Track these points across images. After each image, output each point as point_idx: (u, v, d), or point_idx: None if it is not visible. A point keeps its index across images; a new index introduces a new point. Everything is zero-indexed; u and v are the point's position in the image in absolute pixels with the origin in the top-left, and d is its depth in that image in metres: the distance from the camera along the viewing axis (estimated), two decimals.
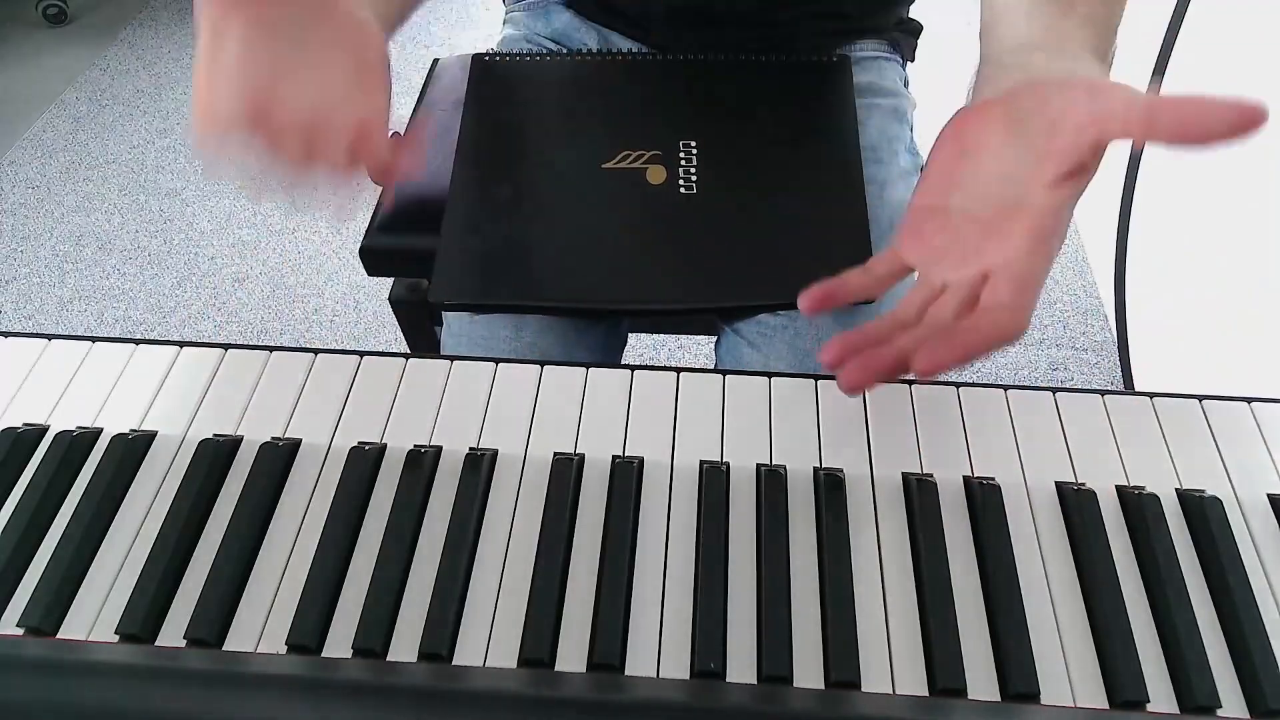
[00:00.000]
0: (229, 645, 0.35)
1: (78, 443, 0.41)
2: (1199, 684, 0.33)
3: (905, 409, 0.43)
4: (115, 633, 0.36)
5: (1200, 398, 0.43)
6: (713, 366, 0.62)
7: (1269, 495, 0.39)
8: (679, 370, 0.44)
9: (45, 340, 0.46)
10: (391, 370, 0.45)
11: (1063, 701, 0.34)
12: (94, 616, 0.36)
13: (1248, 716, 0.33)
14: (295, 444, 0.41)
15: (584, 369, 0.44)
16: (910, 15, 0.77)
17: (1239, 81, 1.07)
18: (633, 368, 0.44)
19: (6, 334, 0.47)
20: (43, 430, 0.42)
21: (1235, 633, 0.35)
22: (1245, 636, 0.35)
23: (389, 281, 0.78)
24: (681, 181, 0.61)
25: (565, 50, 0.76)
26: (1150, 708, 0.33)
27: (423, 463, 0.40)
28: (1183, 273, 1.20)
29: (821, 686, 0.34)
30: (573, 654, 0.35)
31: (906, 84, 0.76)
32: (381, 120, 0.43)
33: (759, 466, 0.40)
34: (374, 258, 0.74)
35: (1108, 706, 0.34)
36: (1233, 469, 0.40)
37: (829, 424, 0.42)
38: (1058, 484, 0.40)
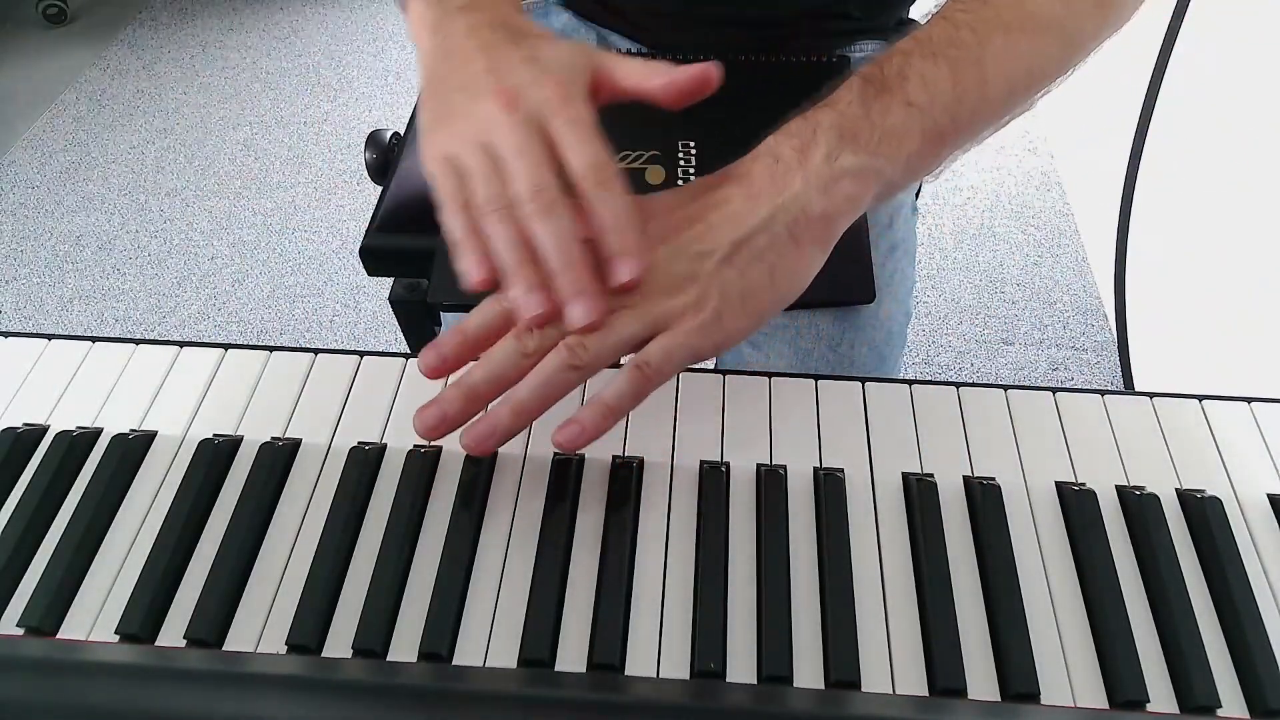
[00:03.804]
0: (229, 645, 0.35)
1: (78, 443, 0.41)
2: (1199, 684, 0.33)
3: (905, 409, 0.43)
4: (115, 633, 0.36)
5: (1200, 398, 0.43)
6: (713, 366, 0.62)
7: (1269, 495, 0.39)
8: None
9: (45, 340, 0.46)
10: (391, 370, 0.45)
11: (1063, 701, 0.34)
12: (94, 616, 0.36)
13: (1248, 716, 0.33)
14: (295, 444, 0.41)
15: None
16: (910, 16, 0.77)
17: (1238, 81, 1.07)
18: None
19: (6, 334, 0.47)
20: (43, 430, 0.42)
21: (1235, 633, 0.35)
22: (1245, 636, 0.35)
23: (389, 281, 0.78)
24: (680, 182, 0.61)
25: None
26: (1150, 708, 0.33)
27: (423, 463, 0.40)
28: (1183, 273, 1.20)
29: (821, 686, 0.34)
30: (573, 654, 0.35)
31: None
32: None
33: (759, 466, 0.40)
34: (374, 258, 0.74)
35: (1108, 706, 0.34)
36: (1233, 469, 0.40)
37: (829, 424, 0.42)
38: (1058, 484, 0.40)
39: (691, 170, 0.62)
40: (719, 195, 0.40)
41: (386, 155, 0.84)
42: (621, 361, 0.39)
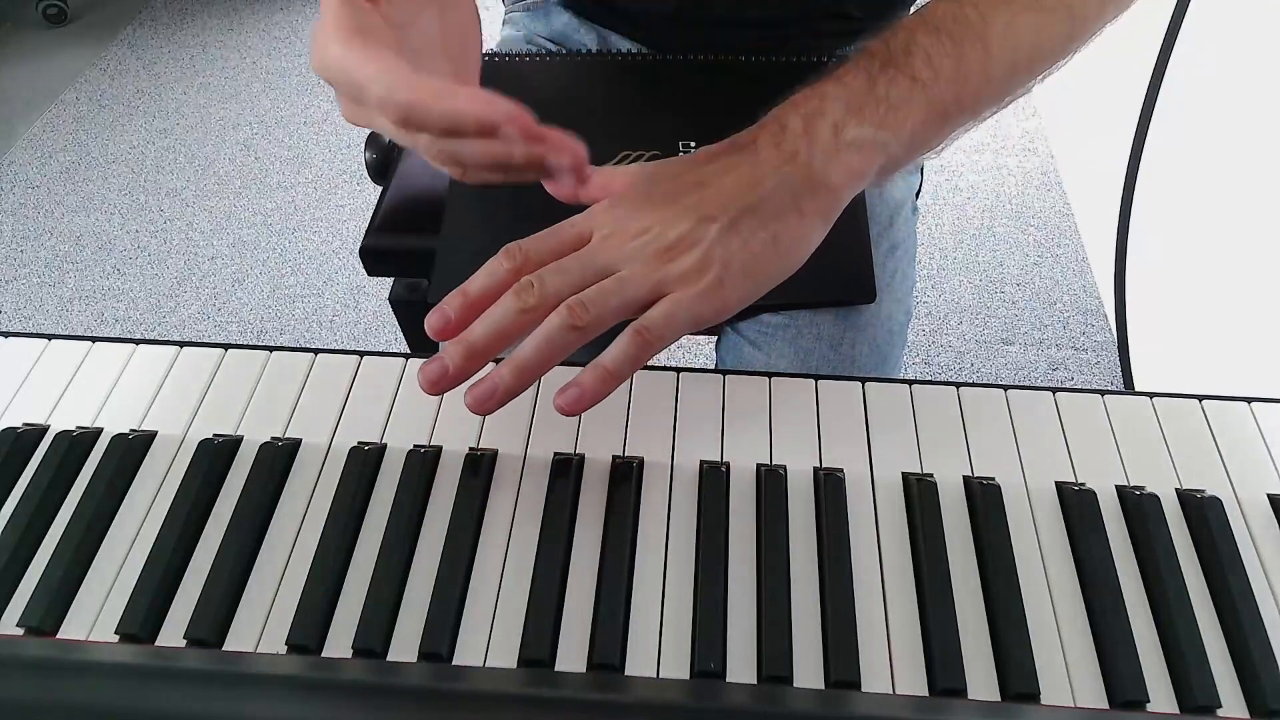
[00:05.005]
0: (229, 645, 0.35)
1: (78, 443, 0.41)
2: (1199, 684, 0.33)
3: (905, 409, 0.43)
4: (115, 633, 0.36)
5: (1200, 398, 0.43)
6: (713, 366, 0.62)
7: (1269, 495, 0.39)
8: (679, 370, 0.44)
9: (45, 340, 0.46)
10: (391, 370, 0.45)
11: (1063, 701, 0.34)
12: (94, 616, 0.36)
13: (1248, 716, 0.33)
14: (295, 444, 0.41)
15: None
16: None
17: (1238, 81, 1.07)
18: None
19: (6, 334, 0.47)
20: (43, 430, 0.42)
21: (1235, 633, 0.35)
22: (1245, 636, 0.35)
23: (389, 281, 0.78)
24: None
25: (565, 51, 0.76)
26: (1150, 708, 0.33)
27: (422, 463, 0.40)
28: (1183, 273, 1.20)
29: (821, 686, 0.34)
30: (573, 654, 0.35)
31: None
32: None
33: (759, 466, 0.40)
34: (374, 258, 0.74)
35: (1108, 706, 0.34)
36: (1233, 469, 0.40)
37: (829, 424, 0.42)
38: (1058, 484, 0.40)
39: None
40: (726, 162, 0.41)
41: (386, 155, 0.84)
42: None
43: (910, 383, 0.43)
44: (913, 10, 0.76)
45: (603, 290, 0.38)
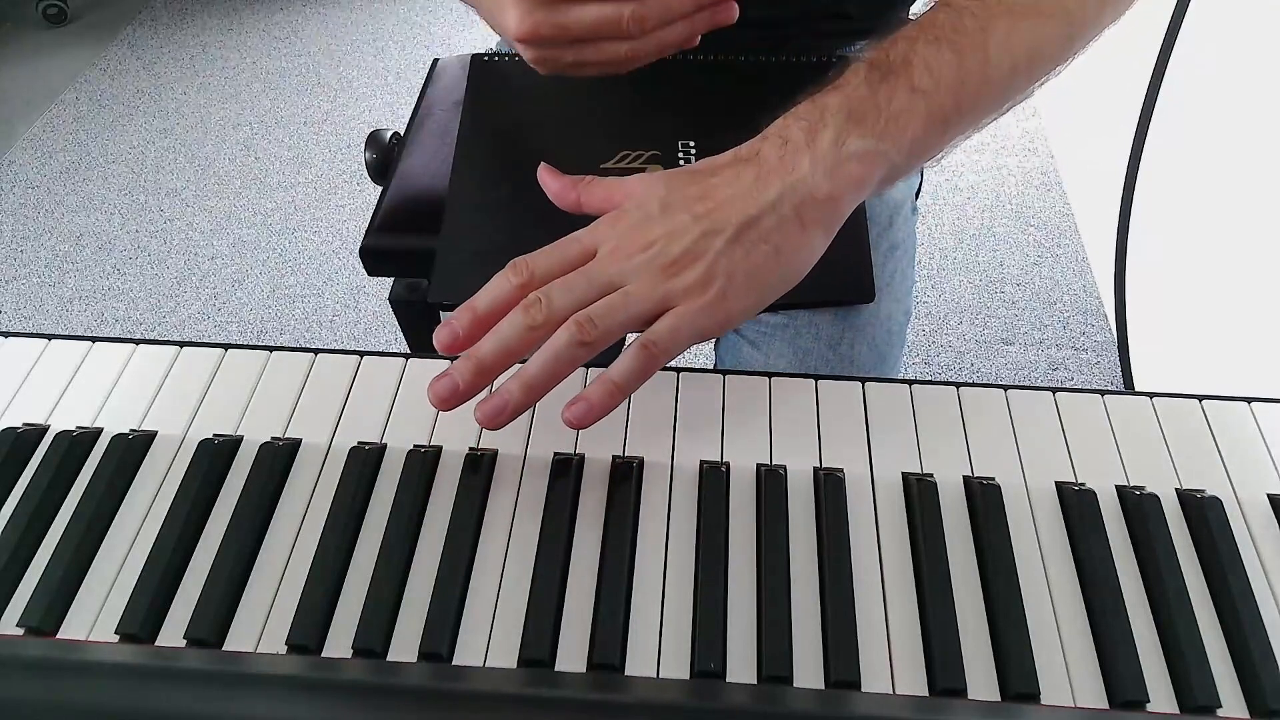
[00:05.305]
0: (229, 645, 0.35)
1: (78, 443, 0.41)
2: (1199, 684, 0.33)
3: (905, 409, 0.43)
4: (115, 633, 0.36)
5: (1200, 398, 0.43)
6: (713, 366, 0.62)
7: (1269, 495, 0.39)
8: (679, 370, 0.44)
9: (45, 340, 0.46)
10: (391, 370, 0.45)
11: (1063, 701, 0.34)
12: (94, 616, 0.36)
13: (1248, 716, 0.33)
14: (295, 444, 0.41)
15: (584, 369, 0.44)
16: (910, 16, 0.77)
17: (1238, 81, 1.07)
18: None
19: (6, 334, 0.47)
20: (43, 430, 0.42)
21: (1235, 633, 0.35)
22: (1245, 636, 0.35)
23: (389, 281, 0.78)
24: None
25: None
26: (1150, 708, 0.33)
27: (423, 463, 0.40)
28: (1183, 273, 1.20)
29: (821, 686, 0.34)
30: (573, 654, 0.35)
31: None
32: None
33: (759, 466, 0.40)
34: (374, 258, 0.74)
35: (1108, 706, 0.34)
36: (1233, 469, 0.40)
37: (829, 424, 0.42)
38: (1058, 484, 0.40)
39: None
40: (728, 175, 0.41)
41: (386, 155, 0.84)
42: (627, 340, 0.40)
43: (910, 383, 0.43)
44: (911, 13, 0.76)
45: (609, 306, 0.38)
